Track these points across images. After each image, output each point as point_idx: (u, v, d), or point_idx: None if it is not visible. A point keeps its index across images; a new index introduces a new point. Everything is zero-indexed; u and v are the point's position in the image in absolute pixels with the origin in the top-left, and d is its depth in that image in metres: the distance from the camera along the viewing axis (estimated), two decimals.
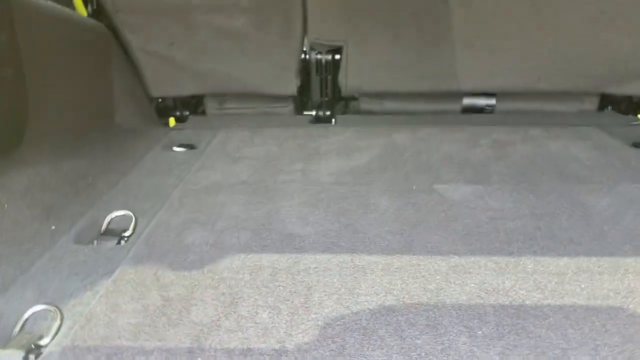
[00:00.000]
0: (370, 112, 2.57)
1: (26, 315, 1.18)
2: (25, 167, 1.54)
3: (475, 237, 1.42)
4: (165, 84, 2.46)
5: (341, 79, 2.42)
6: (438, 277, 1.26)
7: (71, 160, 1.75)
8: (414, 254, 1.35)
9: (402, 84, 2.43)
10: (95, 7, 2.32)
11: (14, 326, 1.16)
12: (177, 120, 2.60)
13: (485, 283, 1.23)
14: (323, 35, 2.33)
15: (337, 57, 2.43)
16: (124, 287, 1.26)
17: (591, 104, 2.50)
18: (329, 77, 2.52)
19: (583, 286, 1.22)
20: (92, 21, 2.22)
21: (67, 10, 2.03)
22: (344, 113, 2.68)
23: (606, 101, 2.53)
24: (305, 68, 2.51)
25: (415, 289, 1.22)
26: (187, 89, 2.49)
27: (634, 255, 1.33)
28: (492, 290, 1.21)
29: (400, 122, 2.39)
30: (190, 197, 1.72)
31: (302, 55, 2.44)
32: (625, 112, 2.49)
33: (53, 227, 1.51)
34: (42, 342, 1.10)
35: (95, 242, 1.52)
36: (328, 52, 2.44)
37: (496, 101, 2.51)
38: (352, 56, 2.35)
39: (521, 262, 1.31)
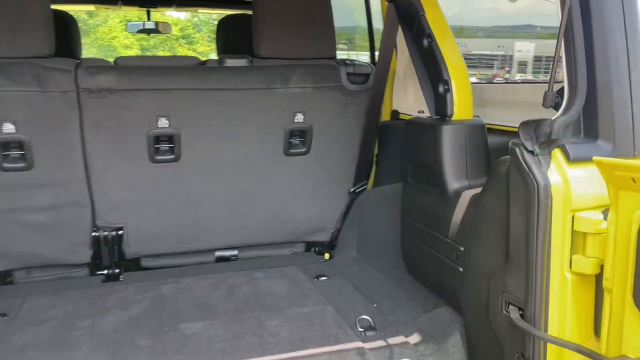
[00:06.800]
0: (148, 268, 3.54)
1: None
2: None
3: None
4: None
5: (124, 247, 3.38)
6: None
7: None
8: None
9: (171, 247, 3.47)
10: None
11: None
12: None
13: None
14: (108, 220, 3.31)
15: (120, 232, 3.39)
16: None
17: (299, 248, 3.83)
18: (115, 247, 3.45)
19: None
20: None
21: None
22: (128, 270, 3.59)
23: (309, 245, 3.89)
24: (97, 240, 3.41)
25: None
26: None
27: None
28: None
29: (169, 275, 3.40)
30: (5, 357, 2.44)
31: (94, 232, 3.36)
32: (320, 253, 3.86)
33: None
34: None
35: None
36: (112, 229, 3.40)
37: (238, 252, 3.70)
38: (131, 232, 3.35)
39: None
